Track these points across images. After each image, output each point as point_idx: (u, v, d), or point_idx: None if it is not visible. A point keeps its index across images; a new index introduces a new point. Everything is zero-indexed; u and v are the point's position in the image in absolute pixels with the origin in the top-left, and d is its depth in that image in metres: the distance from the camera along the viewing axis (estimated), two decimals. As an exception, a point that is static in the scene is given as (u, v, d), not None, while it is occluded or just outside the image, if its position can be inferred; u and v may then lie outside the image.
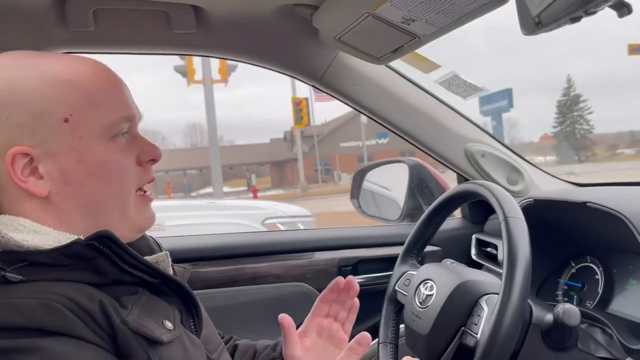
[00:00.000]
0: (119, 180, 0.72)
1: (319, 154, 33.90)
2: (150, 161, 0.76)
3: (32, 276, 0.62)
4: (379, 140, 33.94)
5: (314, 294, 1.43)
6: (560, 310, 0.89)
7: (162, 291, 0.73)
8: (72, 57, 0.74)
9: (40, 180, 0.68)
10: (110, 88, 0.73)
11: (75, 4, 1.07)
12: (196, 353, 0.73)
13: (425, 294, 1.01)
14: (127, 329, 0.63)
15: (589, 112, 35.41)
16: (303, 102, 22.06)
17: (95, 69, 0.73)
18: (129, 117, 0.74)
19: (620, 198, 1.03)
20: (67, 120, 0.68)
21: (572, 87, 36.24)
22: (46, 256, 0.64)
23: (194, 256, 1.41)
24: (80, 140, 0.68)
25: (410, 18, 0.94)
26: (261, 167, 39.65)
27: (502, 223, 0.89)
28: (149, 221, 0.77)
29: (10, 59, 0.70)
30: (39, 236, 0.66)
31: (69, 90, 0.69)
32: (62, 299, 0.60)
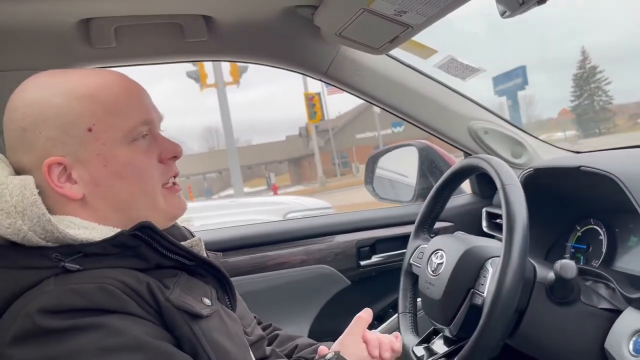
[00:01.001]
0: (143, 178, 0.79)
1: (336, 148, 33.64)
2: (172, 158, 0.83)
3: (87, 265, 0.71)
4: (394, 129, 33.59)
5: (336, 275, 1.52)
6: (558, 265, 0.97)
7: (198, 272, 0.81)
8: (90, 72, 0.81)
9: (75, 185, 0.76)
10: (126, 95, 0.79)
11: (98, 23, 1.17)
12: (234, 325, 0.82)
13: (437, 262, 1.08)
14: (171, 306, 0.72)
15: (607, 82, 34.54)
16: (316, 97, 21.95)
17: (111, 80, 0.79)
18: (147, 121, 0.80)
19: (612, 160, 1.09)
20: (91, 130, 0.75)
21: (587, 59, 35.34)
22: (97, 247, 0.73)
23: (223, 247, 1.49)
24: (104, 147, 0.76)
25: (402, 10, 1.02)
26: (279, 165, 39.38)
27: (500, 191, 0.96)
28: (179, 209, 0.85)
29: (36, 79, 0.78)
30: (88, 230, 0.75)
31: (89, 102, 0.76)
32: (115, 282, 0.69)
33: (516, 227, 0.92)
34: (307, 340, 1.10)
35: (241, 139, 55.40)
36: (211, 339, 0.74)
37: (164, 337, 0.71)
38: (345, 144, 35.05)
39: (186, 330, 0.72)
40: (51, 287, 0.68)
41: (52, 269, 0.70)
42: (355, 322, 1.02)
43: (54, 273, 0.70)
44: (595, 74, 34.93)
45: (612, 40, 39.40)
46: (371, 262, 1.55)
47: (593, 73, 34.97)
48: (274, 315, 1.46)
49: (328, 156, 34.47)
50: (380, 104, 1.48)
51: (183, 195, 0.87)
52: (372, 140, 34.28)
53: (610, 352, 0.97)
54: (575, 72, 35.69)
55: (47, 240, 0.72)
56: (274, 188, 25.23)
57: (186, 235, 0.92)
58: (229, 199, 10.16)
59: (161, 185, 0.82)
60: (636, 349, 0.94)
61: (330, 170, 34.03)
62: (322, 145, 33.09)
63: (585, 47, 34.95)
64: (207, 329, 0.74)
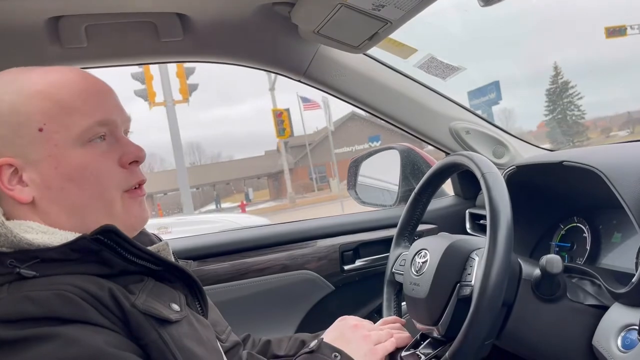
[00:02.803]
0: (98, 182, 0.74)
1: (314, 162, 33.65)
2: (133, 163, 0.79)
3: (44, 271, 0.67)
4: (372, 143, 33.83)
5: (319, 280, 1.49)
6: (543, 260, 0.95)
7: (166, 278, 0.78)
8: (49, 69, 0.78)
9: (26, 188, 0.73)
10: (83, 94, 0.75)
11: (68, 21, 1.13)
12: (205, 331, 0.78)
13: (420, 262, 1.06)
14: (137, 312, 0.68)
15: (579, 97, 35.13)
16: (284, 114, 21.95)
17: (68, 77, 0.76)
18: (105, 121, 0.76)
19: (594, 155, 1.09)
20: (42, 130, 0.72)
21: (560, 74, 35.92)
22: (56, 252, 0.69)
23: (202, 254, 1.46)
24: (55, 148, 0.72)
25: (380, 4, 1.01)
26: (258, 179, 39.16)
27: (480, 180, 0.95)
28: (139, 220, 0.80)
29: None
30: (47, 235, 0.71)
31: (41, 100, 0.72)
32: (74, 288, 0.65)
33: (500, 210, 0.91)
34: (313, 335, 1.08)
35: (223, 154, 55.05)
36: (181, 345, 0.70)
37: (127, 346, 0.67)
38: (323, 158, 34.93)
39: (154, 337, 0.69)
40: (4, 294, 0.65)
41: (6, 276, 0.67)
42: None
43: (8, 280, 0.67)
44: (568, 89, 35.56)
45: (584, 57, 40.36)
46: (355, 266, 1.52)
47: (565, 88, 35.59)
48: (257, 322, 1.43)
49: (306, 171, 34.33)
50: (360, 104, 1.46)
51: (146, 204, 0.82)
52: (350, 155, 34.56)
53: (598, 348, 0.96)
54: (548, 87, 36.35)
55: (0, 245, 0.68)
56: (242, 205, 25.17)
57: (154, 240, 0.89)
58: (178, 217, 10.34)
59: (121, 191, 0.78)
60: (624, 344, 0.92)
61: (309, 184, 33.90)
62: (297, 160, 33.06)
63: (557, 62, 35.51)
64: (177, 335, 0.71)
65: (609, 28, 20.26)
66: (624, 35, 20.78)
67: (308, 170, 33.95)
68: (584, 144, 31.84)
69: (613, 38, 20.58)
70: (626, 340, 0.92)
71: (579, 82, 37.00)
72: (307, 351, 0.87)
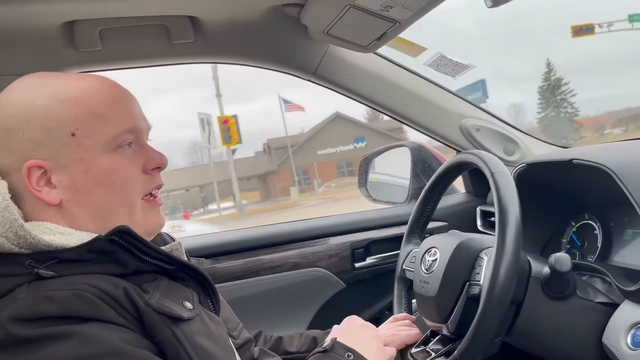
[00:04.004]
0: (123, 187, 0.77)
1: (298, 164, 33.08)
2: (156, 169, 0.82)
3: (61, 271, 0.69)
4: (357, 144, 33.77)
5: (330, 277, 1.50)
6: (552, 259, 0.95)
7: (179, 277, 0.79)
8: (78, 76, 0.81)
9: (54, 190, 0.75)
10: (113, 102, 0.78)
11: (83, 25, 1.16)
12: (217, 328, 0.80)
13: (430, 260, 1.07)
14: (151, 310, 0.70)
15: (572, 94, 34.51)
16: (231, 120, 21.82)
17: (99, 85, 0.78)
18: (133, 129, 0.79)
19: (604, 152, 1.08)
20: (74, 135, 0.74)
21: (552, 70, 35.26)
22: (72, 253, 0.71)
23: (215, 252, 1.48)
24: (86, 153, 0.75)
25: (388, 5, 1.01)
26: (248, 181, 38.47)
27: (489, 180, 0.95)
28: (156, 225, 0.83)
29: (23, 82, 0.78)
30: (64, 236, 0.73)
31: (74, 106, 0.75)
32: (90, 288, 0.67)
33: (508, 210, 0.91)
34: (324, 332, 1.09)
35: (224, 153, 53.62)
36: (194, 342, 0.72)
37: (142, 344, 0.69)
38: (306, 160, 34.49)
39: (168, 335, 0.71)
40: (24, 294, 0.67)
41: (25, 276, 0.69)
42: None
43: (28, 280, 0.69)
44: (561, 86, 34.89)
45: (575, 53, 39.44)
46: (366, 263, 1.53)
47: (558, 85, 34.92)
48: (269, 320, 1.45)
49: (289, 173, 33.80)
50: (370, 103, 1.47)
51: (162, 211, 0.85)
52: (334, 156, 34.18)
53: (608, 346, 0.96)
54: (540, 84, 35.71)
55: (20, 246, 0.70)
56: (185, 215, 25.03)
57: (167, 240, 0.91)
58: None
59: (142, 196, 0.80)
60: (634, 342, 0.92)
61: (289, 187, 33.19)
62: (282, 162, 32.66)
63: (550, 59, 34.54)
64: (190, 332, 0.73)
65: (575, 27, 19.63)
66: (592, 33, 20.23)
67: (291, 173, 33.40)
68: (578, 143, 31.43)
69: (580, 37, 20.01)
70: (636, 337, 0.92)
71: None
72: (321, 350, 0.88)
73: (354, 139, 33.89)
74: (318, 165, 34.34)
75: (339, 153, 34.14)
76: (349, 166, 34.50)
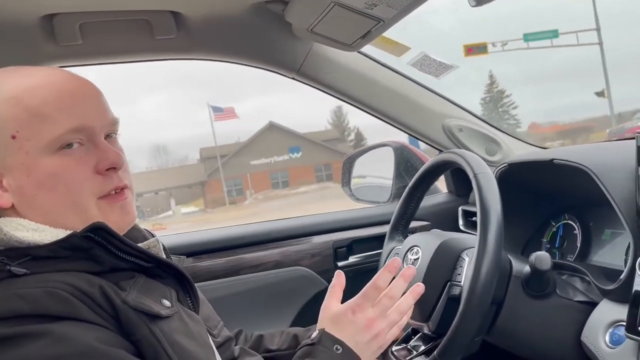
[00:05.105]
0: (68, 190, 0.73)
1: (231, 174, 32.39)
2: (111, 169, 0.76)
3: (35, 269, 0.68)
4: (292, 154, 33.34)
5: (312, 276, 1.49)
6: (533, 257, 0.96)
7: (157, 274, 0.78)
8: (27, 71, 0.76)
9: (5, 193, 0.73)
10: (57, 100, 0.73)
11: (63, 19, 1.14)
12: (196, 326, 0.78)
13: (412, 258, 1.07)
14: (128, 307, 0.69)
15: (514, 107, 34.85)
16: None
17: (47, 81, 0.74)
18: (79, 128, 0.74)
19: (583, 153, 1.10)
20: (14, 137, 0.71)
21: (495, 83, 35.58)
22: (46, 249, 0.69)
23: (196, 250, 1.47)
24: (27, 156, 0.71)
25: (372, 3, 1.01)
26: (190, 189, 36.05)
27: (472, 180, 0.96)
28: (120, 224, 0.78)
29: None
30: (38, 233, 0.71)
31: (14, 106, 0.71)
32: (64, 286, 0.66)
33: (490, 211, 0.92)
34: (305, 329, 1.07)
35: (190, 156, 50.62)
36: (173, 340, 0.71)
37: (118, 343, 0.67)
38: (239, 170, 33.27)
39: (146, 332, 0.69)
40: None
41: None
42: (328, 293, 0.94)
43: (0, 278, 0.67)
44: (502, 98, 35.29)
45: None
46: (348, 262, 1.53)
47: (500, 97, 35.33)
48: (251, 319, 1.44)
49: (220, 183, 32.47)
50: (354, 102, 1.47)
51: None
52: (269, 167, 33.50)
53: (587, 344, 0.97)
54: (482, 96, 36.03)
55: None
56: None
57: (147, 236, 0.88)
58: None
59: (96, 197, 0.76)
60: (612, 340, 0.94)
61: (222, 198, 32.07)
62: (212, 172, 31.85)
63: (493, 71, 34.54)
64: (168, 330, 0.72)
65: (467, 46, 19.75)
66: (485, 53, 20.40)
67: (221, 183, 32.39)
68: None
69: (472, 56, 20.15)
70: (614, 336, 0.93)
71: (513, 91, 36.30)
72: (309, 343, 0.85)
73: (289, 149, 33.25)
74: (252, 176, 33.27)
75: (273, 163, 33.44)
76: (284, 177, 33.76)
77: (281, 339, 1.07)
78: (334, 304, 0.91)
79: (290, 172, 33.55)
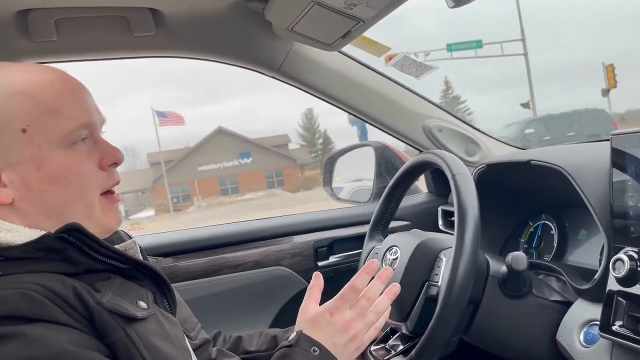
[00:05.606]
0: (80, 185, 0.74)
1: (178, 180, 31.57)
2: (112, 165, 0.79)
3: (7, 270, 0.67)
4: (242, 160, 32.76)
5: (293, 276, 1.49)
6: (509, 258, 0.97)
7: (133, 276, 0.77)
8: (29, 67, 0.77)
9: (4, 189, 0.71)
10: (67, 96, 0.75)
11: (38, 14, 1.12)
12: (172, 329, 0.78)
13: (391, 258, 1.08)
14: (103, 309, 0.68)
15: (469, 112, 34.99)
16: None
17: (52, 78, 0.75)
18: (88, 124, 0.76)
19: (560, 154, 1.11)
20: (25, 131, 0.71)
21: (450, 89, 35.75)
22: (19, 250, 0.68)
23: (176, 250, 1.45)
24: (38, 149, 0.71)
25: (352, 3, 1.01)
26: (143, 194, 34.70)
27: (450, 181, 0.97)
28: (115, 222, 0.80)
29: None
30: (11, 233, 0.70)
31: (25, 100, 0.71)
32: (37, 287, 0.65)
33: (468, 212, 0.93)
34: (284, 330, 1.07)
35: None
36: (148, 342, 0.70)
37: (91, 345, 0.66)
38: (187, 176, 32.30)
39: (121, 335, 0.68)
40: None
41: None
42: (307, 295, 0.93)
43: None
44: (458, 104, 35.60)
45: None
46: (329, 262, 1.53)
47: (456, 103, 35.60)
48: (231, 319, 1.43)
49: (164, 189, 30.91)
50: (334, 102, 1.47)
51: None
52: (218, 172, 32.80)
53: (562, 343, 0.98)
54: (438, 102, 36.31)
55: None
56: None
57: (124, 237, 0.88)
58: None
59: (100, 193, 0.77)
60: (587, 339, 0.95)
61: (166, 205, 30.47)
62: (157, 178, 30.90)
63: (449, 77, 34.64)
64: (144, 333, 0.71)
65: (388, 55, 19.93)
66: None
67: (167, 190, 30.86)
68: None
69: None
70: (588, 335, 0.95)
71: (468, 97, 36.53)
72: (286, 345, 0.85)
73: (239, 155, 32.67)
74: (200, 182, 32.34)
75: (222, 169, 32.75)
76: (233, 183, 33.05)
77: (260, 340, 1.07)
78: (312, 306, 0.91)
79: (240, 178, 32.78)
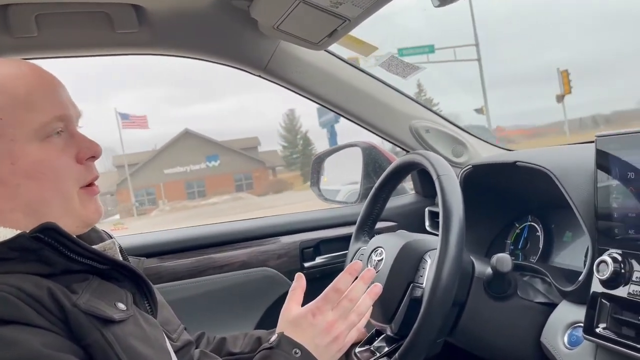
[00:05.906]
0: (56, 179, 0.73)
1: (143, 184, 31.01)
2: (90, 158, 0.78)
3: None
4: (209, 163, 32.16)
5: (279, 277, 1.48)
6: (494, 259, 0.97)
7: (112, 276, 0.76)
8: (1, 62, 0.76)
9: None
10: (42, 88, 0.74)
11: (17, 10, 1.09)
12: (152, 331, 0.76)
13: (376, 259, 1.07)
14: (79, 311, 0.66)
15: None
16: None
17: (25, 71, 0.74)
18: (63, 117, 0.75)
19: (546, 155, 1.11)
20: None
21: (423, 91, 35.70)
22: None
23: (160, 250, 1.44)
24: (12, 143, 0.70)
25: (338, 1, 1.00)
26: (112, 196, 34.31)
27: (435, 182, 0.96)
28: (95, 214, 0.79)
29: None
30: None
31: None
32: (10, 289, 0.63)
33: (452, 214, 0.93)
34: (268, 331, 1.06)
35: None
36: (126, 344, 0.69)
37: (66, 348, 0.65)
38: (152, 180, 31.48)
39: (97, 337, 0.67)
40: None
41: None
42: (289, 296, 0.93)
43: None
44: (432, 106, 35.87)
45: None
46: (315, 263, 1.52)
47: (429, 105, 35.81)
48: (216, 320, 1.41)
49: (128, 193, 30.46)
50: (321, 101, 1.46)
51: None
52: (184, 175, 32.20)
53: (546, 345, 0.98)
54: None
55: None
56: None
57: (104, 237, 0.86)
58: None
59: (78, 187, 0.76)
60: (571, 341, 0.95)
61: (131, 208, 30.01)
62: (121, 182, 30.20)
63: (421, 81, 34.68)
64: (122, 335, 0.69)
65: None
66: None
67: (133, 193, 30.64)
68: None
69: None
70: (572, 337, 0.94)
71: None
72: (268, 347, 0.84)
73: (206, 158, 31.98)
74: (166, 185, 31.59)
75: (189, 172, 32.06)
76: (200, 186, 32.30)
77: (244, 341, 1.06)
78: (293, 307, 0.90)
79: (208, 181, 32.18)
